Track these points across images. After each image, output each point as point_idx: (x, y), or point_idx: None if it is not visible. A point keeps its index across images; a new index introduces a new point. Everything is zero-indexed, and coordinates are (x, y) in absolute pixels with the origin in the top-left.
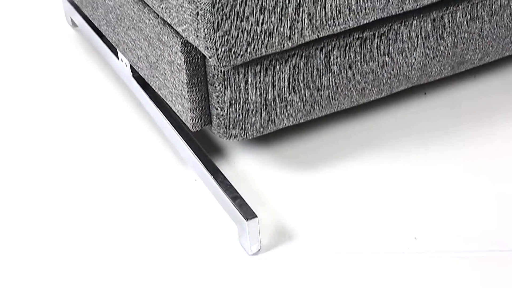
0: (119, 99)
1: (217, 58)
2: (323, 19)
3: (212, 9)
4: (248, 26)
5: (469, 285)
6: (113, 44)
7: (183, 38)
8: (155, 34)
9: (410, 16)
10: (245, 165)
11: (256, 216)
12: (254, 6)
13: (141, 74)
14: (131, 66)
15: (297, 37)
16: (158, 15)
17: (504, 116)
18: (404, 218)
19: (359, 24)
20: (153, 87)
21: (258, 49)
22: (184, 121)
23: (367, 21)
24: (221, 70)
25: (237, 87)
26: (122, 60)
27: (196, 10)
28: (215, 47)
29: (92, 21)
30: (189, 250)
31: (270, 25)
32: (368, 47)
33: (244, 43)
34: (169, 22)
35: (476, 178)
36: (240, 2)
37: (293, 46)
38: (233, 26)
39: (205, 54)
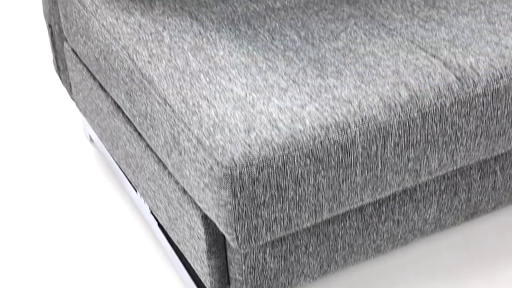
0: (135, 227)
1: (237, 243)
2: (341, 200)
3: (233, 201)
4: (267, 215)
5: None
6: (132, 183)
7: (204, 212)
8: (175, 197)
9: None
10: None
11: None
12: (273, 197)
13: (160, 222)
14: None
15: (315, 218)
16: (178, 182)
17: None
18: None
19: (375, 200)
20: (172, 238)
21: (277, 232)
22: (202, 281)
23: (383, 196)
24: None
25: (255, 257)
26: (141, 197)
27: (218, 200)
28: (235, 233)
29: (112, 156)
30: None
31: (289, 211)
32: (384, 209)
33: (264, 229)
34: (190, 195)
35: None
36: (260, 194)
37: (311, 225)
38: (253, 216)
39: (225, 236)
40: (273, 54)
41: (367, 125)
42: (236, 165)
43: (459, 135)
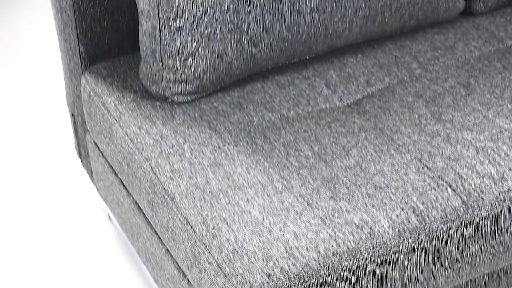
0: None
1: None
2: None
3: None
4: None
5: None
6: (152, 278)
7: None
8: None
9: None
10: None
11: None
12: None
13: None
14: None
15: None
16: None
17: None
18: None
19: None
20: None
21: None
22: None
23: None
24: None
25: None
26: None
27: None
28: None
29: (132, 246)
30: None
31: None
32: None
33: None
34: None
35: None
36: None
37: None
38: None
39: None
40: (288, 172)
41: (377, 252)
42: None
43: (464, 254)
